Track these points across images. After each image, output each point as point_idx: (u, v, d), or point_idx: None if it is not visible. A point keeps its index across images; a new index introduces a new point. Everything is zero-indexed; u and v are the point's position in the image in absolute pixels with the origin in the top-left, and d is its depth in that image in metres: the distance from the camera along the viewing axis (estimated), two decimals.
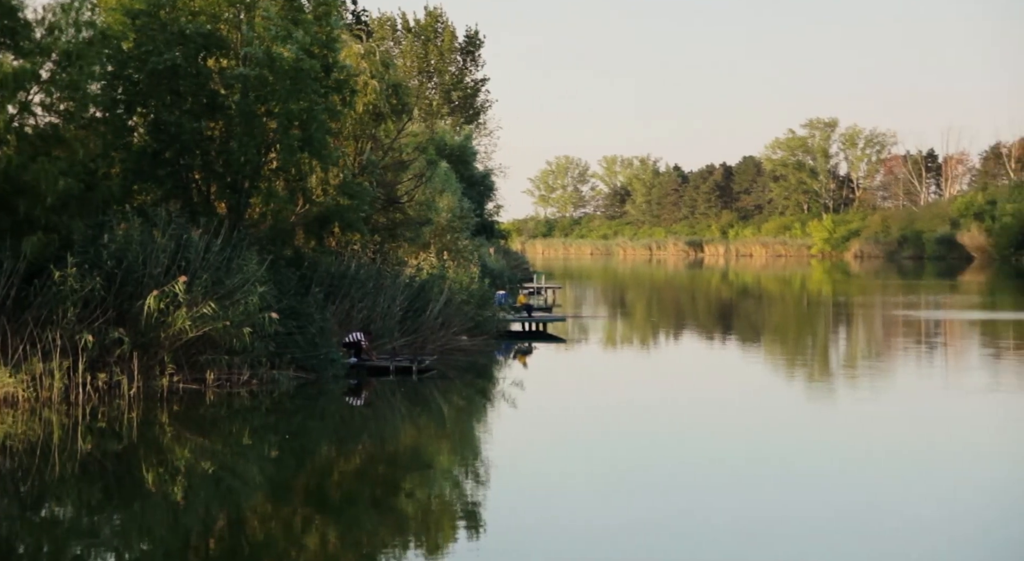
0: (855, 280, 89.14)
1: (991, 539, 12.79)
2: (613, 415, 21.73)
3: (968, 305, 54.15)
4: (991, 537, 12.87)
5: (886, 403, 23.23)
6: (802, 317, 50.90)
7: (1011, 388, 25.37)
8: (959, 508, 14.19)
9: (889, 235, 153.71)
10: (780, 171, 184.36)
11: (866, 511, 13.92)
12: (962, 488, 15.32)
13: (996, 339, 37.30)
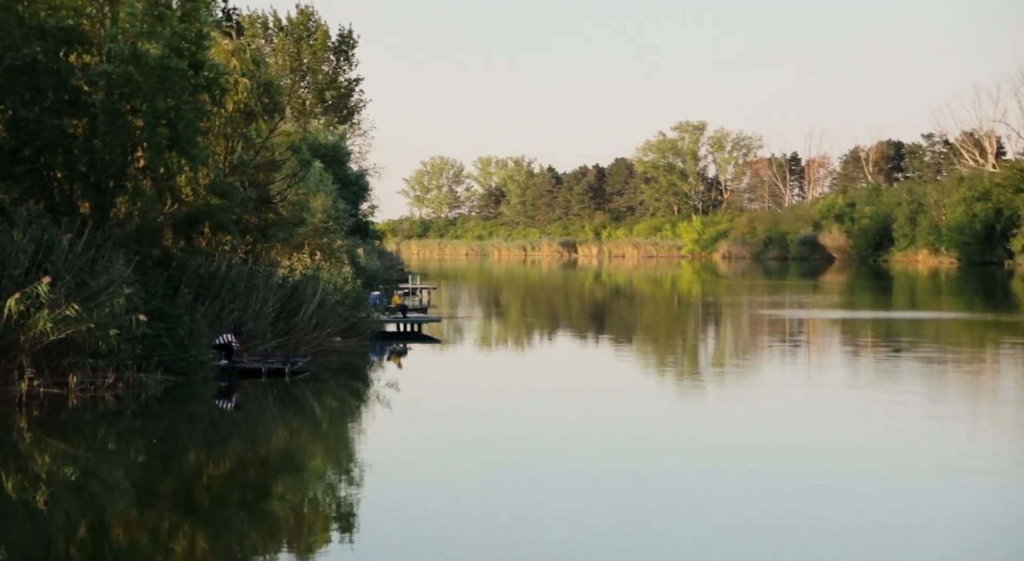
0: (723, 280, 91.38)
1: (848, 528, 13.29)
2: (488, 416, 21.86)
3: (829, 304, 56.06)
4: (847, 526, 13.37)
5: (751, 400, 23.90)
6: (672, 317, 51.96)
7: (868, 384, 26.37)
8: (818, 502, 14.69)
9: (755, 236, 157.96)
10: (651, 173, 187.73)
11: (725, 503, 14.32)
12: (822, 481, 15.86)
13: (855, 337, 38.72)
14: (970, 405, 23.09)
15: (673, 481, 15.81)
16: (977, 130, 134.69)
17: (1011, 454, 17.85)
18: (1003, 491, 15.11)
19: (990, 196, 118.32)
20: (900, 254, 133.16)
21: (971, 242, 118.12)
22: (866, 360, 31.21)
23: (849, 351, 33.88)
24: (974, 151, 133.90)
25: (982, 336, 39.17)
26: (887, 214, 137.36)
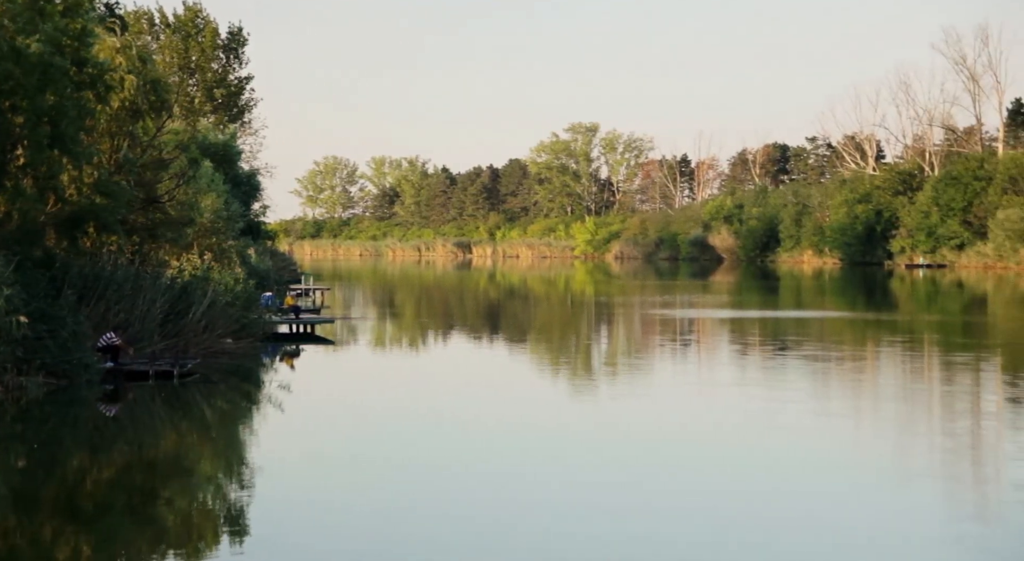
0: (615, 281, 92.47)
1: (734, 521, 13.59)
2: (381, 417, 21.77)
3: (718, 304, 57.19)
4: (733, 518, 13.67)
5: (642, 398, 24.26)
6: (566, 317, 52.40)
7: (755, 382, 26.98)
8: (705, 496, 14.98)
9: (647, 237, 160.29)
10: (545, 174, 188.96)
11: (616, 496, 14.53)
12: (709, 476, 16.17)
13: (743, 336, 39.59)
14: (852, 401, 23.80)
15: (563, 478, 15.96)
16: (858, 134, 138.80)
17: (891, 448, 18.45)
18: (880, 483, 15.62)
19: (871, 198, 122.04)
20: (786, 255, 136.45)
21: (853, 243, 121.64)
22: (753, 358, 31.93)
23: (737, 350, 34.62)
24: (855, 154, 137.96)
25: (863, 334, 40.40)
26: (773, 215, 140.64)
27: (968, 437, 19.15)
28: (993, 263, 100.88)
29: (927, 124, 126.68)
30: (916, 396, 24.57)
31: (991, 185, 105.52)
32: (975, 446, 18.42)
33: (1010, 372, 28.28)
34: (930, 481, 15.76)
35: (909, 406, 22.85)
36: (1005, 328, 43.47)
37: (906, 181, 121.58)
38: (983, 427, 20.19)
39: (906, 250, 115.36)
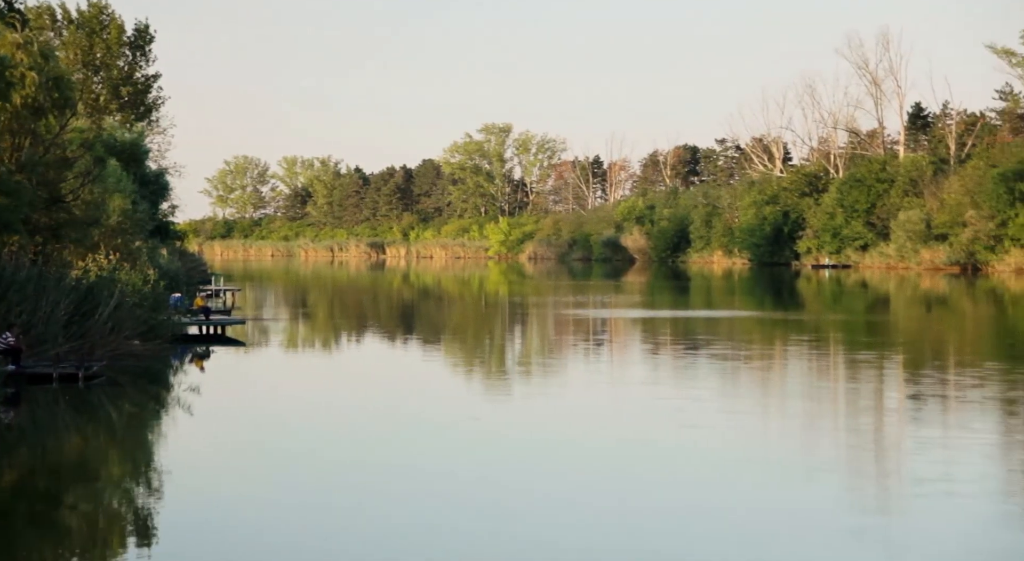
0: (529, 281, 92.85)
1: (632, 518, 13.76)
2: (292, 418, 21.56)
3: (630, 304, 57.80)
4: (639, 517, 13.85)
5: (556, 397, 24.41)
6: (480, 317, 52.47)
7: (666, 380, 27.34)
8: (618, 493, 15.14)
9: (560, 238, 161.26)
10: (458, 174, 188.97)
11: (519, 494, 14.62)
12: (620, 474, 16.35)
13: (655, 335, 40.07)
14: (760, 399, 24.24)
15: (477, 478, 15.99)
16: (766, 136, 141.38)
17: (797, 444, 18.84)
18: (786, 478, 15.94)
19: (778, 200, 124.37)
20: (697, 255, 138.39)
21: (761, 244, 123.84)
22: (664, 357, 32.34)
23: (649, 349, 35.03)
24: (763, 156, 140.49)
25: (771, 333, 41.17)
26: (684, 216, 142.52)
27: (871, 433, 19.65)
28: (895, 263, 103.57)
29: (832, 127, 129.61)
30: (821, 393, 25.13)
31: (893, 187, 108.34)
32: (878, 441, 18.90)
33: (911, 370, 29.07)
34: (834, 475, 16.14)
35: (815, 403, 23.36)
36: (906, 327, 44.67)
37: (812, 183, 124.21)
38: (886, 423, 20.73)
39: (812, 251, 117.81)
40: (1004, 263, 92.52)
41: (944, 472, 16.01)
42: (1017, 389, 24.74)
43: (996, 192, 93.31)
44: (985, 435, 18.91)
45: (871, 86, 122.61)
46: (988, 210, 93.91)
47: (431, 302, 64.90)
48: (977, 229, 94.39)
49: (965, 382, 25.76)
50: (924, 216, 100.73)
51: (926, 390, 24.64)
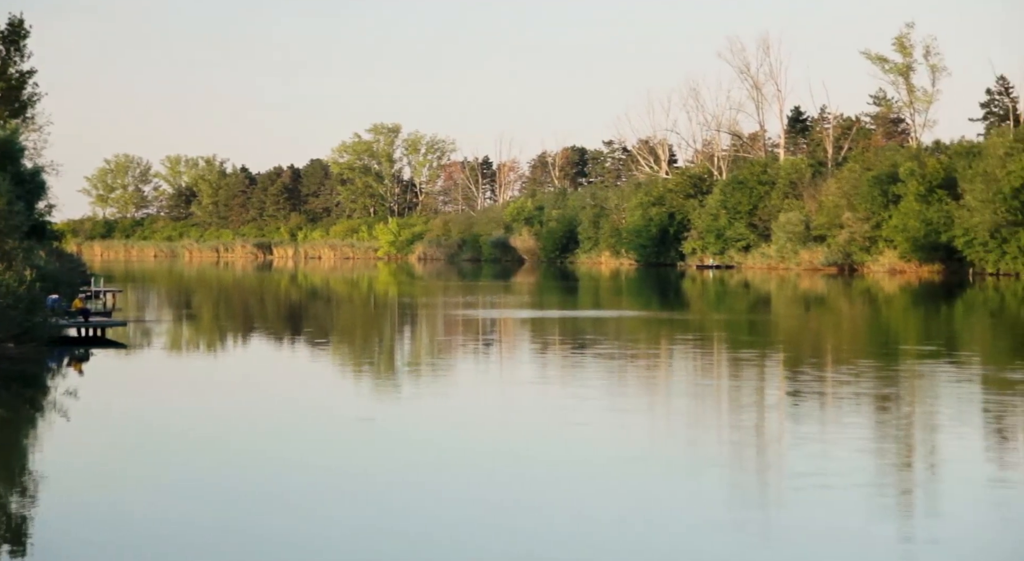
0: (419, 282, 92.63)
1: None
2: (175, 422, 21.16)
3: (520, 304, 58.14)
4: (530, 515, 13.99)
5: (445, 397, 24.44)
6: (369, 318, 52.17)
7: (554, 379, 27.60)
8: (507, 493, 15.25)
9: (450, 238, 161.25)
10: (347, 175, 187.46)
11: (404, 494, 14.63)
12: (507, 473, 16.47)
13: (543, 335, 40.39)
14: (646, 397, 24.66)
15: (365, 480, 15.94)
16: (652, 138, 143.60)
17: (681, 440, 19.23)
18: (670, 474, 16.27)
19: (664, 201, 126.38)
20: (585, 256, 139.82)
21: (648, 245, 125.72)
22: (552, 357, 32.64)
23: (537, 348, 35.30)
24: (649, 158, 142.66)
25: (657, 333, 41.88)
26: (573, 217, 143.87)
27: (752, 428, 20.16)
28: (776, 264, 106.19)
29: (715, 130, 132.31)
30: (705, 391, 25.67)
31: (774, 189, 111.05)
32: (759, 437, 19.41)
33: (790, 367, 29.88)
34: (717, 470, 16.53)
35: (699, 401, 23.86)
36: (786, 326, 45.89)
37: (696, 185, 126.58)
38: (766, 419, 21.29)
39: (697, 252, 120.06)
40: (878, 264, 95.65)
41: (820, 466, 16.53)
42: (889, 386, 25.65)
43: (871, 195, 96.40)
44: (859, 430, 19.57)
45: (752, 90, 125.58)
46: (863, 212, 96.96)
47: (319, 303, 64.27)
48: (853, 231, 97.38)
49: (841, 379, 26.61)
50: (803, 218, 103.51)
51: (804, 387, 25.38)
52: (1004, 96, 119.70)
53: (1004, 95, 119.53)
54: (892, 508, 14.20)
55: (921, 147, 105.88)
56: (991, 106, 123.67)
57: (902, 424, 20.17)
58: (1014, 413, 21.46)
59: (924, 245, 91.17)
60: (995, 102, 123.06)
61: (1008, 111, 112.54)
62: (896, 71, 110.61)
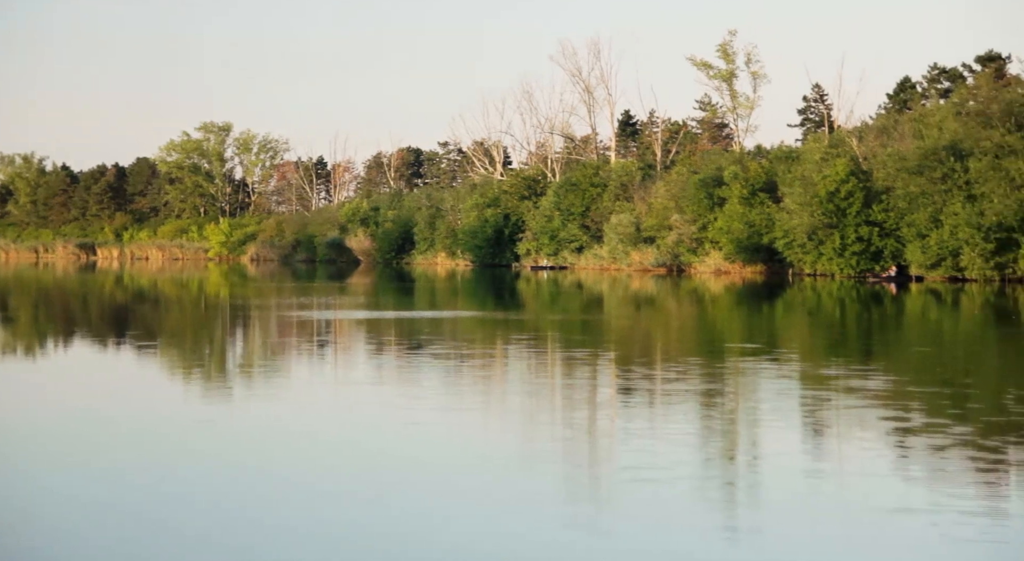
0: (252, 283, 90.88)
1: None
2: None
3: (355, 305, 57.75)
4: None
5: (279, 400, 24.12)
6: (199, 320, 50.93)
7: (391, 380, 27.58)
8: (342, 495, 15.21)
9: (284, 239, 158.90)
10: (176, 174, 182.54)
11: (230, 495, 14.44)
12: (344, 474, 16.42)
13: (379, 336, 40.27)
14: (481, 396, 24.90)
15: (197, 485, 15.61)
16: (486, 140, 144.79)
17: (515, 438, 19.51)
18: (504, 471, 16.50)
19: (499, 203, 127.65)
20: (421, 257, 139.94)
21: (483, 246, 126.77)
22: (388, 357, 32.59)
23: (373, 349, 35.18)
24: (484, 160, 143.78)
25: (492, 333, 42.29)
26: (408, 218, 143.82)
27: (585, 425, 20.61)
28: (608, 265, 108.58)
29: (548, 132, 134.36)
30: (539, 389, 26.09)
31: (605, 191, 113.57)
32: (591, 433, 19.87)
33: (622, 365, 30.66)
34: (550, 467, 16.85)
35: (532, 399, 24.24)
36: (618, 326, 47.01)
37: (531, 186, 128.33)
38: (598, 416, 21.80)
39: (532, 253, 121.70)
40: (705, 264, 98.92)
41: (649, 460, 17.05)
42: (714, 382, 26.61)
43: (697, 197, 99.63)
44: (686, 425, 20.26)
45: (584, 93, 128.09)
46: (690, 214, 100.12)
47: (146, 305, 62.34)
48: (681, 232, 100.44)
49: (669, 376, 27.46)
50: (634, 220, 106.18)
51: (635, 385, 26.09)
52: (819, 103, 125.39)
53: (819, 102, 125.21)
54: (717, 499, 14.77)
55: (744, 151, 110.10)
56: (808, 113, 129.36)
57: (726, 419, 20.97)
58: (829, 407, 22.58)
59: (747, 246, 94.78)
60: (811, 109, 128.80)
61: (823, 118, 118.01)
62: (720, 77, 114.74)
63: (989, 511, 13.78)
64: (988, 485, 15.27)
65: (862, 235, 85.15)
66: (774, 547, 12.61)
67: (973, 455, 17.09)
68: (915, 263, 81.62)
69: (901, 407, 22.05)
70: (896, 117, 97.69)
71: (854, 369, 29.18)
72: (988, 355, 34.85)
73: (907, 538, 12.71)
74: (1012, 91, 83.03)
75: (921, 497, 14.55)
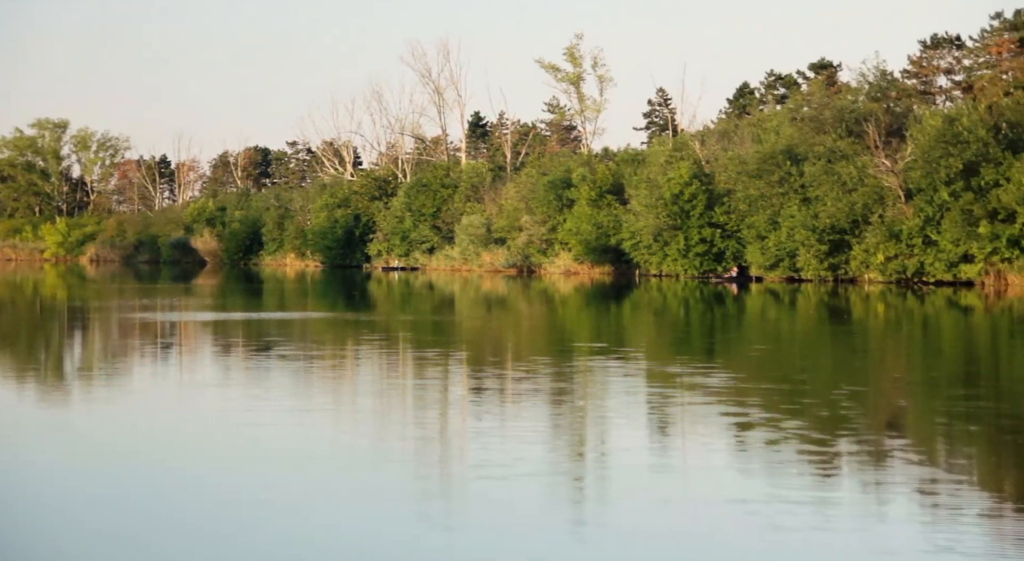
0: (91, 284, 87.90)
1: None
2: None
3: (201, 307, 56.48)
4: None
5: (120, 403, 23.47)
6: (34, 323, 49.01)
7: (237, 382, 27.14)
8: (182, 498, 14.95)
9: (125, 239, 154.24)
10: (8, 172, 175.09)
11: (68, 497, 14.07)
12: (184, 476, 16.14)
13: (226, 337, 39.52)
14: (331, 396, 24.74)
15: (40, 486, 15.11)
16: (336, 140, 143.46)
17: (367, 437, 19.48)
18: (354, 469, 16.48)
19: (349, 203, 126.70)
20: (270, 257, 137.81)
21: (334, 246, 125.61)
22: (235, 359, 32.03)
23: (219, 351, 34.52)
24: (334, 160, 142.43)
25: (343, 334, 42.00)
26: (257, 219, 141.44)
27: (436, 424, 20.73)
28: (459, 266, 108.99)
29: (399, 133, 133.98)
30: (391, 390, 26.08)
31: (456, 192, 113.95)
32: (442, 432, 19.99)
33: (473, 365, 30.89)
34: (401, 465, 16.91)
35: (384, 399, 24.22)
36: (469, 326, 47.29)
37: (382, 187, 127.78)
38: (449, 415, 21.95)
39: (383, 253, 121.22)
40: (555, 265, 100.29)
41: (499, 458, 17.28)
42: (563, 381, 27.09)
43: (547, 199, 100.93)
44: (535, 423, 20.59)
45: (434, 94, 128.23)
46: (540, 215, 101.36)
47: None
48: (531, 233, 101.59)
49: (519, 376, 27.81)
50: (485, 221, 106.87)
51: (486, 384, 26.35)
52: (664, 107, 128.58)
53: (664, 106, 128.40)
54: (566, 495, 15.08)
55: (592, 154, 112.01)
56: (653, 116, 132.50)
57: (575, 417, 21.38)
58: (673, 404, 23.27)
59: (596, 248, 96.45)
60: (656, 113, 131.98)
61: (667, 121, 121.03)
62: (567, 80, 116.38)
63: (813, 501, 14.46)
64: (814, 476, 16.02)
65: (705, 237, 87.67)
66: (615, 541, 12.97)
67: (802, 448, 17.89)
68: (755, 264, 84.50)
69: (740, 403, 22.88)
70: (736, 122, 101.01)
71: (697, 367, 30.11)
72: (821, 353, 36.42)
73: (734, 528, 13.25)
74: (843, 98, 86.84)
75: (753, 489, 15.17)
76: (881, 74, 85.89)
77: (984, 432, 19.65)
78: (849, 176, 76.60)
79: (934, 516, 13.83)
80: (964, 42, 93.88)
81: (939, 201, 70.85)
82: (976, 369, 30.90)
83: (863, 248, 75.31)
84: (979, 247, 68.26)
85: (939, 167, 70.47)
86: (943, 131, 71.13)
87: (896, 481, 15.68)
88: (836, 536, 12.88)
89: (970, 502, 14.52)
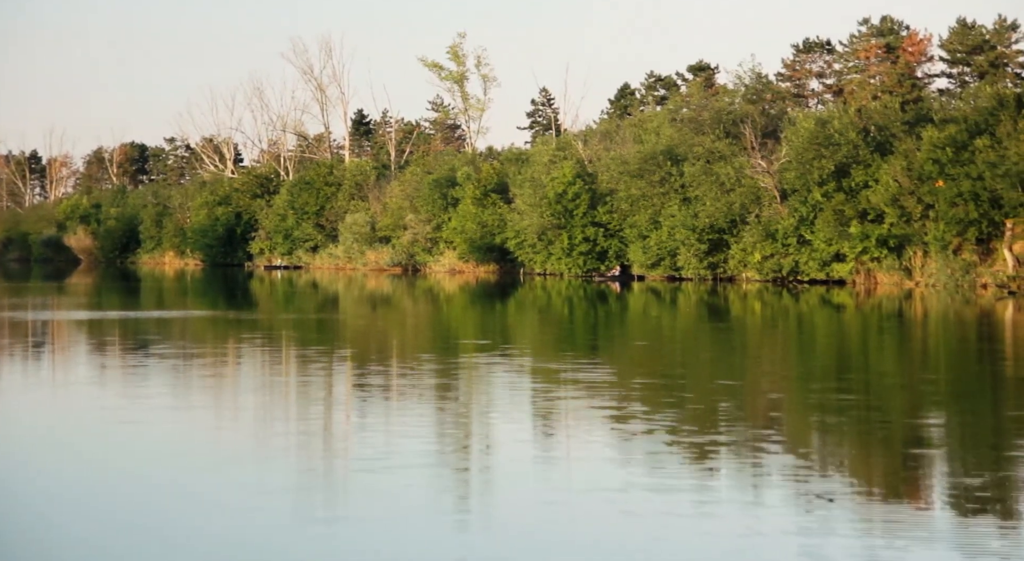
0: None
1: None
2: None
3: (75, 306, 54.97)
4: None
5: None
6: None
7: (113, 381, 26.56)
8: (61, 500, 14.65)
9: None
10: None
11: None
12: (53, 479, 15.82)
13: (101, 336, 38.57)
14: (212, 394, 24.41)
15: None
16: (216, 136, 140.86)
17: (249, 434, 19.31)
18: (236, 465, 16.35)
19: (230, 201, 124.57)
20: (147, 256, 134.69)
21: (214, 245, 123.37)
22: (110, 358, 31.33)
23: (94, 350, 33.70)
24: (214, 157, 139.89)
25: (224, 333, 41.39)
26: (133, 216, 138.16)
27: (321, 420, 20.65)
28: (344, 264, 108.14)
29: (281, 130, 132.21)
30: (275, 387, 25.86)
31: (340, 191, 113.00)
32: (327, 428, 19.93)
33: (357, 363, 30.80)
34: (284, 461, 16.83)
35: (268, 397, 24.02)
36: (353, 325, 47.06)
37: (264, 185, 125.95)
38: (334, 411, 21.89)
39: (265, 252, 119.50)
40: (440, 264, 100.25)
41: (384, 452, 17.34)
42: (447, 377, 27.24)
43: (431, 198, 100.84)
44: (421, 418, 20.69)
45: (317, 92, 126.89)
46: (425, 214, 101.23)
47: None
48: (416, 232, 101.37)
49: (404, 373, 27.86)
50: (369, 219, 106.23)
51: (370, 381, 26.32)
52: (547, 107, 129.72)
53: (547, 106, 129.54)
54: (451, 487, 15.22)
55: (476, 153, 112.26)
56: (536, 116, 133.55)
57: (460, 412, 21.53)
58: (556, 399, 23.60)
59: (480, 246, 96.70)
60: (539, 112, 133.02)
61: (551, 121, 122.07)
62: (451, 79, 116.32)
63: (667, 488, 14.91)
64: (681, 466, 16.48)
65: (588, 236, 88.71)
66: (494, 530, 13.17)
67: (672, 440, 18.38)
68: (637, 263, 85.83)
69: (620, 397, 23.33)
70: (618, 122, 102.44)
71: (579, 363, 30.56)
72: (700, 349, 37.29)
73: (591, 515, 13.62)
74: (720, 100, 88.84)
75: (616, 478, 15.57)
76: (757, 77, 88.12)
77: (852, 423, 20.44)
78: (727, 177, 78.35)
79: (803, 502, 14.36)
80: (835, 47, 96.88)
81: (812, 201, 73.00)
82: (846, 363, 32.06)
83: (740, 247, 77.14)
84: (850, 246, 70.53)
85: (812, 168, 72.60)
86: (816, 133, 73.32)
87: (766, 471, 16.22)
88: (706, 521, 13.29)
89: (839, 488, 15.12)
